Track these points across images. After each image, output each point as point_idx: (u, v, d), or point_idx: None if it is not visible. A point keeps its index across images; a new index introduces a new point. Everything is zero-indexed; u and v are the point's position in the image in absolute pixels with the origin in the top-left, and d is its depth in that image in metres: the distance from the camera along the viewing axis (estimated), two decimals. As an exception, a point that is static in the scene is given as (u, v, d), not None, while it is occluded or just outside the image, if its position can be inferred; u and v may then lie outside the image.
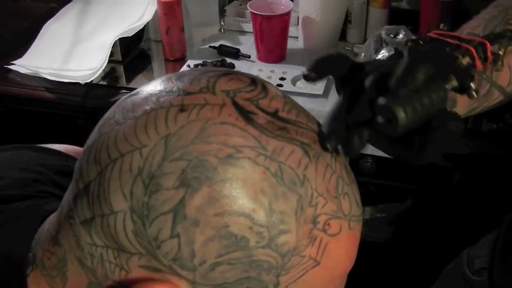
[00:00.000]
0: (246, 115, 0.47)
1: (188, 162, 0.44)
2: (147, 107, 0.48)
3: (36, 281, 0.53)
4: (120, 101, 0.52)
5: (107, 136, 0.48)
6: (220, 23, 1.96)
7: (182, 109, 0.46)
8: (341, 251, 0.50)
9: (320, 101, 1.51)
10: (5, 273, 0.54)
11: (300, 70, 1.67)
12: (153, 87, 0.50)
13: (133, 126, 0.47)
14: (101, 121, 0.52)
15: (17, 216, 0.59)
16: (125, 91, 1.67)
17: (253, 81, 0.51)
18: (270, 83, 0.52)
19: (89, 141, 0.51)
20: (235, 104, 0.47)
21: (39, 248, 0.54)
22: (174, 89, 0.49)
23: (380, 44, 1.50)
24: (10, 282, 0.54)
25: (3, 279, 0.54)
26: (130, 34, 1.74)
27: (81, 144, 0.79)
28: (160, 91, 0.49)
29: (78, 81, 1.67)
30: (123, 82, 1.74)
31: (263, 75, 1.62)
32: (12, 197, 0.63)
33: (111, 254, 0.48)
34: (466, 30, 0.67)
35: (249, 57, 1.76)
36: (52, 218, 0.55)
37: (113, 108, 0.52)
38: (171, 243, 0.45)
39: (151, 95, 0.49)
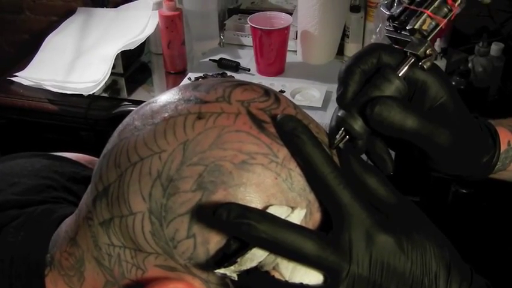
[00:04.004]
0: (259, 124, 0.49)
1: (205, 167, 0.47)
2: (166, 114, 0.50)
3: (54, 281, 0.55)
4: (138, 108, 0.54)
5: (126, 141, 0.51)
6: (220, 36, 1.99)
7: (200, 117, 0.49)
8: None
9: (319, 114, 1.54)
10: (25, 274, 0.56)
11: (298, 83, 1.71)
12: (171, 95, 0.53)
13: (153, 132, 0.49)
14: (120, 126, 0.54)
15: (34, 220, 0.61)
16: (126, 103, 1.69)
17: (267, 92, 0.53)
18: (282, 94, 0.55)
19: (108, 146, 0.53)
20: (250, 113, 0.50)
21: (56, 250, 0.56)
22: (191, 98, 0.51)
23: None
24: (29, 283, 0.56)
25: (23, 280, 0.56)
26: (133, 47, 1.77)
27: (85, 154, 0.81)
28: (179, 99, 0.51)
29: (81, 93, 1.69)
30: (124, 94, 1.77)
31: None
32: (28, 202, 0.65)
33: (128, 254, 0.50)
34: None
35: (249, 70, 1.80)
36: (69, 220, 0.57)
37: (132, 114, 0.54)
38: (187, 243, 0.47)
39: (169, 103, 0.51)
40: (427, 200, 1.56)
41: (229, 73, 1.78)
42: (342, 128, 0.53)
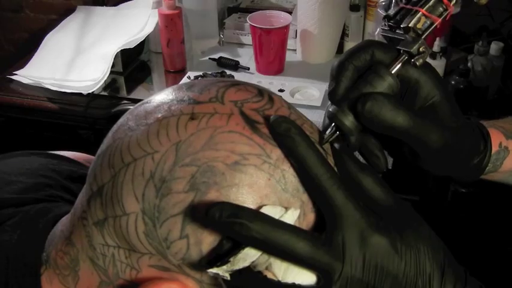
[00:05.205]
0: (252, 124, 0.49)
1: (197, 167, 0.47)
2: (159, 115, 0.50)
3: (49, 280, 0.55)
4: (133, 108, 0.54)
5: (120, 142, 0.51)
6: (220, 35, 1.99)
7: (192, 117, 0.49)
8: None
9: (318, 113, 1.54)
10: (20, 273, 0.56)
11: (298, 82, 1.70)
12: (164, 96, 0.53)
13: (146, 132, 0.49)
14: (115, 127, 0.54)
15: (30, 218, 0.61)
16: (125, 102, 1.69)
17: (260, 92, 0.53)
18: (276, 94, 0.54)
19: (103, 146, 0.53)
20: (243, 114, 0.50)
21: (52, 249, 0.56)
22: (184, 98, 0.51)
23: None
24: (25, 282, 0.56)
25: (19, 279, 0.56)
26: (132, 46, 1.77)
27: (83, 153, 0.81)
28: (172, 100, 0.51)
29: (80, 92, 1.69)
30: (123, 93, 1.76)
31: (262, 87, 1.65)
32: (24, 201, 0.65)
33: (122, 254, 0.50)
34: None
35: (248, 69, 1.79)
36: (65, 219, 0.58)
37: (126, 115, 0.54)
38: (180, 244, 0.47)
39: (163, 103, 0.51)
40: (426, 199, 1.56)
41: (228, 72, 1.78)
42: (333, 124, 0.53)
